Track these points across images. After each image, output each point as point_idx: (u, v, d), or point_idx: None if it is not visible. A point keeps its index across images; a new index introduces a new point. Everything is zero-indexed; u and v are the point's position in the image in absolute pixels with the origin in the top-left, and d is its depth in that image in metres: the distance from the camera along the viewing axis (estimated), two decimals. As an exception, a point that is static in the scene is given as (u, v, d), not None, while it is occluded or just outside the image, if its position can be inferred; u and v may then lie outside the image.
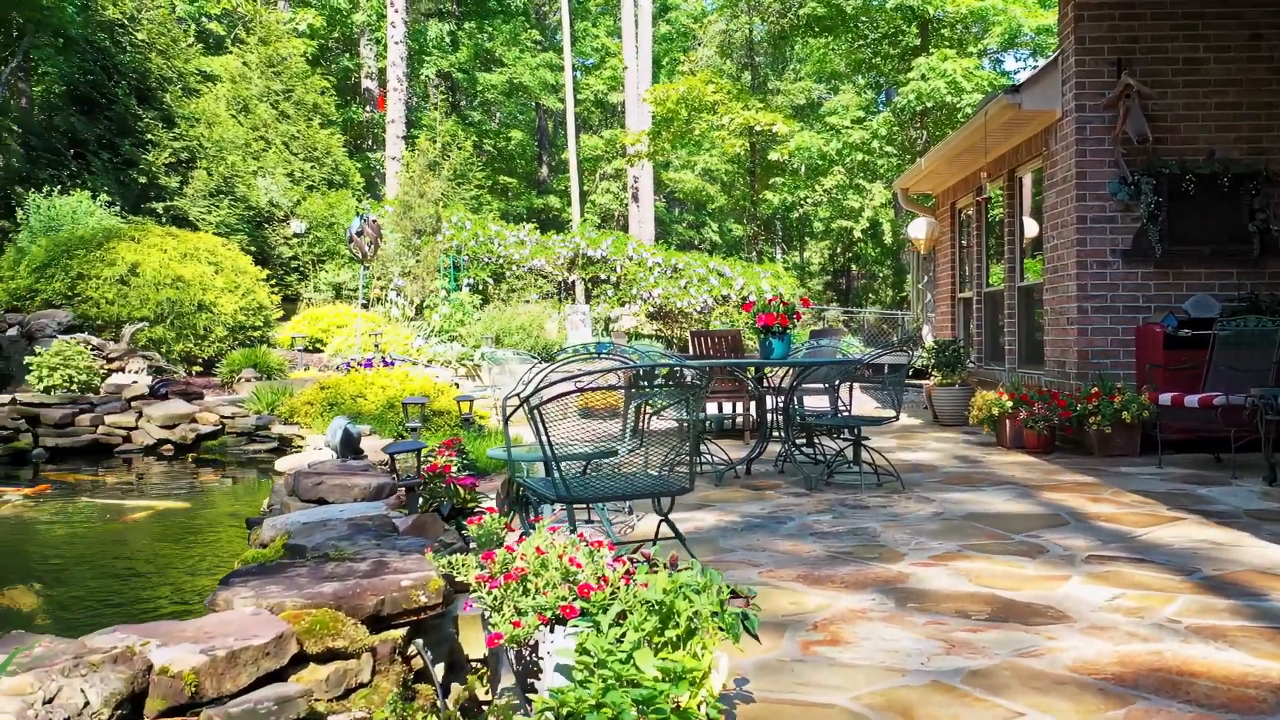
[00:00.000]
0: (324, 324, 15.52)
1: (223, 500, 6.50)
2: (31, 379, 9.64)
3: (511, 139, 36.60)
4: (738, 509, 5.90)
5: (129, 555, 5.09)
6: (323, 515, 4.04)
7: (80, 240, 11.91)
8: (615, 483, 4.40)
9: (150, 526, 5.68)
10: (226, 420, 8.86)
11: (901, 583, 4.09)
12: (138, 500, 6.48)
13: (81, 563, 4.96)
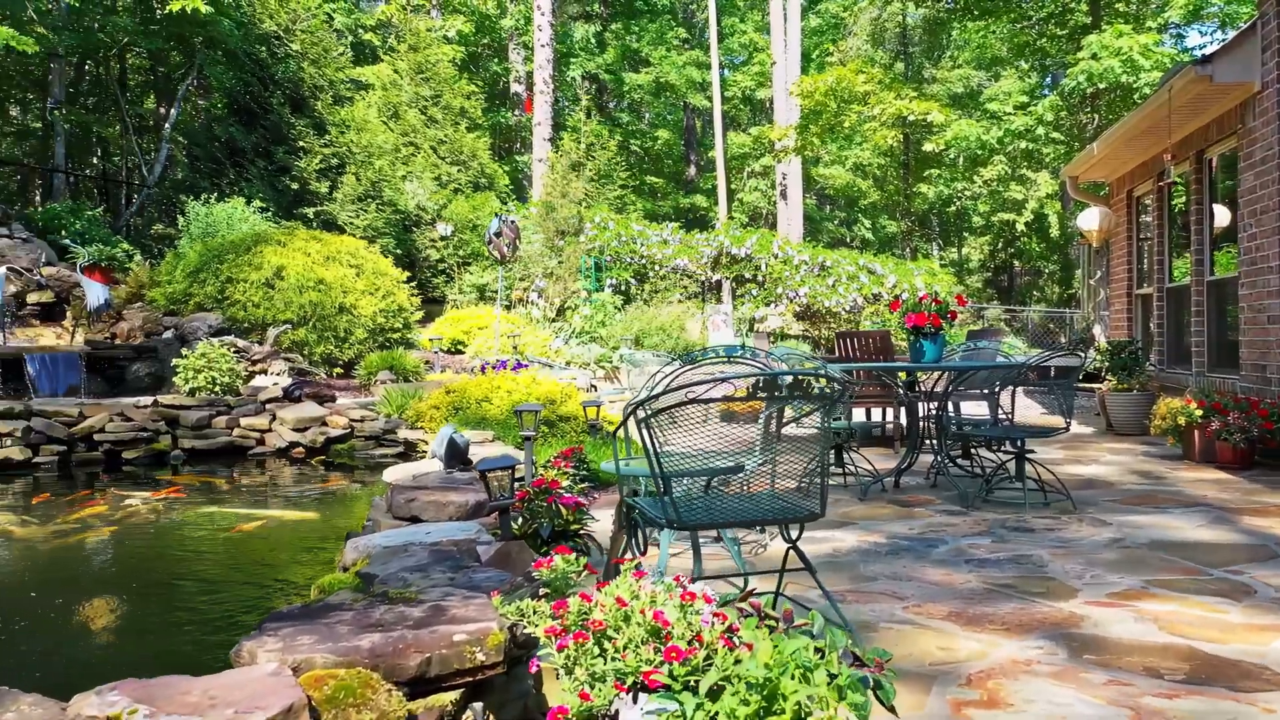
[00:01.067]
0: (466, 326, 15.54)
1: (337, 510, 6.31)
2: (179, 380, 9.86)
3: (658, 139, 36.36)
4: (883, 528, 5.27)
5: (220, 571, 4.89)
6: (406, 538, 3.66)
7: (231, 245, 12.23)
8: (736, 506, 3.86)
9: (257, 538, 5.50)
10: (356, 424, 8.77)
11: (1074, 627, 3.41)
12: (253, 509, 6.36)
13: (170, 578, 4.80)
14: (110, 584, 4.60)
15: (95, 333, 12.01)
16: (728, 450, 4.03)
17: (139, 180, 20.79)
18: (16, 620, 4.00)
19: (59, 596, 4.48)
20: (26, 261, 12.37)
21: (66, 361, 10.29)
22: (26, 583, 4.79)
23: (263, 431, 8.70)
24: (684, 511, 3.79)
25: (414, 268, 18.48)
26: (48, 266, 12.49)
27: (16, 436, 7.62)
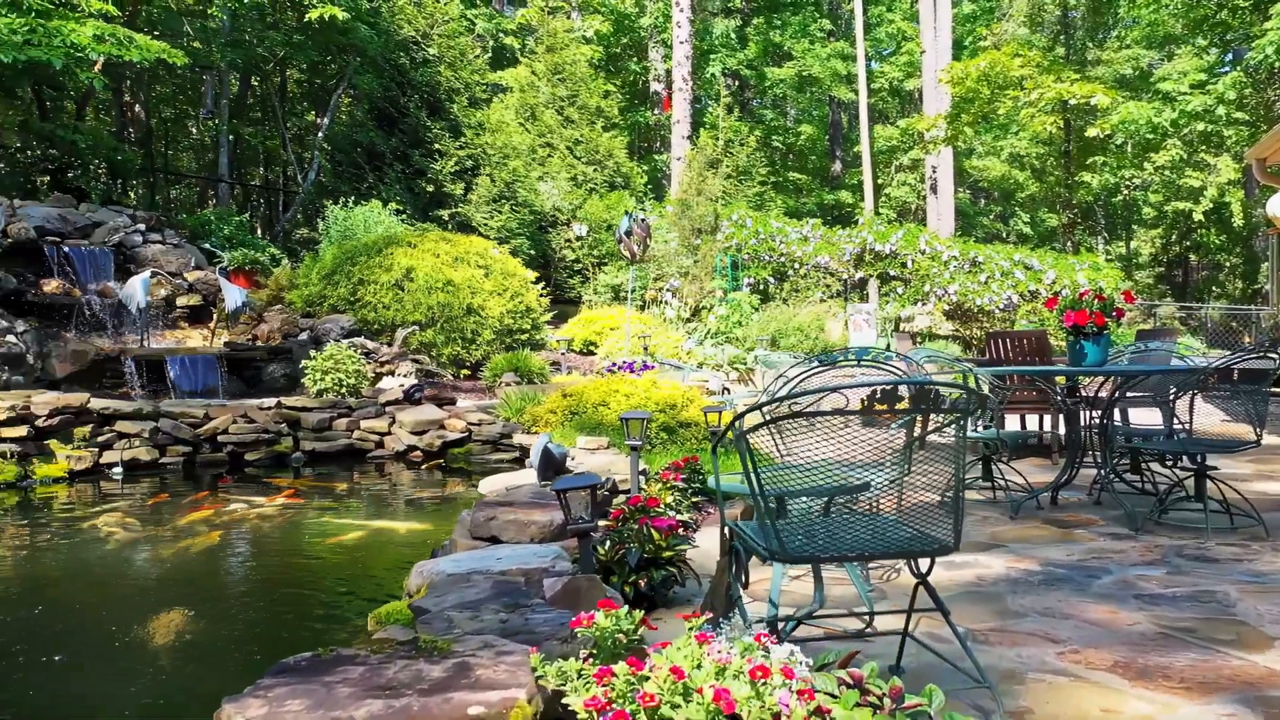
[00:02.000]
0: (598, 326, 15.29)
1: (441, 522, 6.03)
2: (307, 382, 9.91)
3: (801, 134, 35.44)
4: (1036, 552, 4.58)
5: (295, 590, 4.65)
6: (473, 564, 3.28)
7: (363, 247, 12.32)
8: (851, 535, 3.31)
9: (353, 551, 5.27)
10: (473, 427, 8.55)
11: (1274, 688, 2.73)
12: (356, 519, 6.16)
13: (239, 595, 4.59)
14: (171, 599, 4.42)
15: (237, 334, 12.31)
16: (852, 465, 3.48)
17: (294, 187, 21.58)
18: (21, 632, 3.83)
19: (106, 609, 4.33)
20: (176, 266, 12.81)
21: (205, 363, 10.53)
22: (79, 591, 4.67)
23: (382, 434, 8.59)
24: (790, 540, 3.27)
25: (548, 268, 18.39)
26: (196, 271, 12.90)
27: (144, 437, 7.74)
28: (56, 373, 9.71)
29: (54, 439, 7.37)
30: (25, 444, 7.13)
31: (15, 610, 4.35)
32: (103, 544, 5.50)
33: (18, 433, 7.04)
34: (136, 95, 23.41)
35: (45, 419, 7.29)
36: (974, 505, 6.04)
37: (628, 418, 5.36)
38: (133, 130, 24.34)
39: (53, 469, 7.18)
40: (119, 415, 7.71)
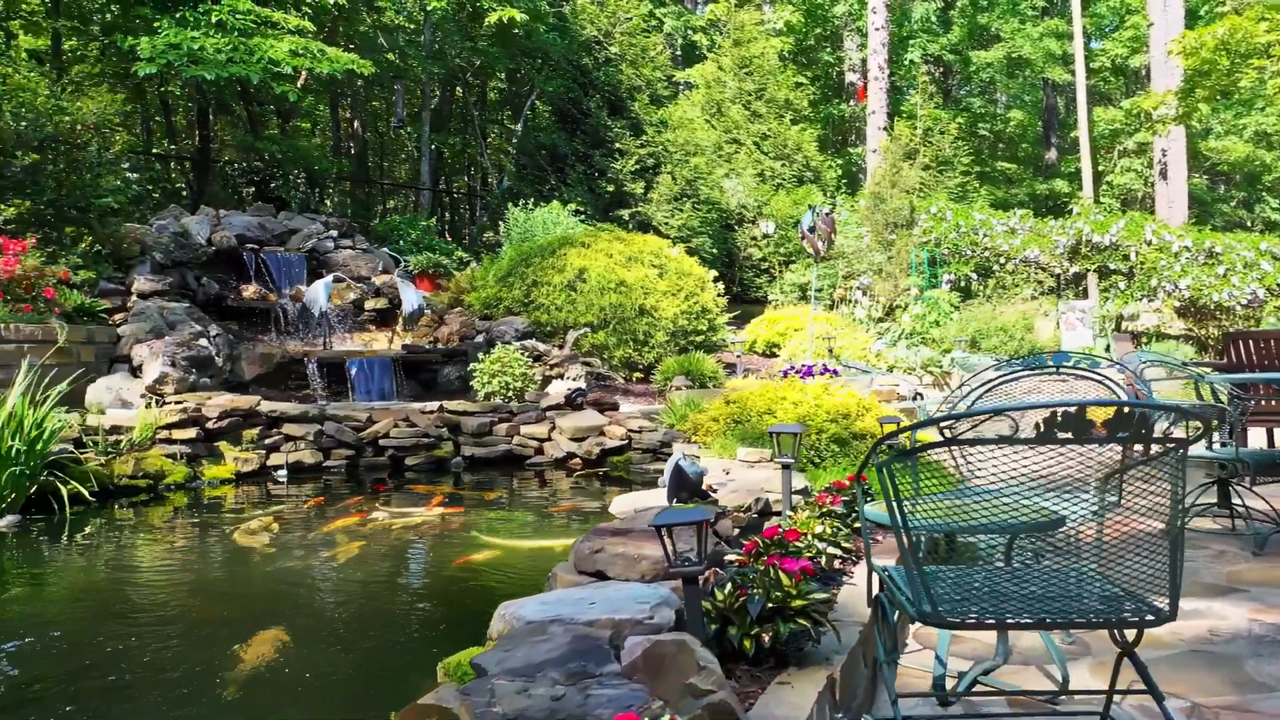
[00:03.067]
0: (781, 327, 14.59)
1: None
2: (476, 384, 9.82)
3: (1010, 120, 33.15)
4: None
5: (407, 615, 4.33)
6: (559, 609, 2.79)
7: (537, 249, 12.20)
8: (1029, 591, 2.60)
9: (478, 573, 4.93)
10: (634, 434, 8.13)
11: None
12: (496, 536, 5.83)
13: (355, 619, 4.30)
14: (269, 617, 4.19)
15: (420, 337, 12.48)
16: (1041, 491, 2.74)
17: (487, 194, 22.09)
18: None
19: (192, 626, 4.13)
20: (365, 270, 13.15)
21: (381, 365, 10.66)
22: (182, 601, 4.52)
23: (541, 440, 8.32)
24: (945, 595, 2.61)
25: (733, 267, 17.84)
26: (383, 275, 13.20)
27: (309, 440, 7.78)
28: (245, 375, 10.07)
29: (223, 440, 7.52)
30: (195, 445, 7.30)
31: (103, 622, 4.25)
32: (240, 551, 5.42)
33: (188, 434, 7.21)
34: (356, 111, 24.71)
35: (215, 421, 7.44)
36: (1207, 537, 5.06)
37: (777, 431, 4.74)
38: (352, 144, 25.78)
39: (221, 470, 7.31)
40: (286, 418, 7.79)
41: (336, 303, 12.51)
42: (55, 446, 6.16)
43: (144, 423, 7.04)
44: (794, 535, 3.72)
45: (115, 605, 4.54)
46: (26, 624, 4.28)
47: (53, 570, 5.18)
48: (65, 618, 4.40)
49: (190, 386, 8.64)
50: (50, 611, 4.49)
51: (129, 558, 5.43)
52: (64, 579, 5.03)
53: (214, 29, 12.74)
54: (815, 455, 6.85)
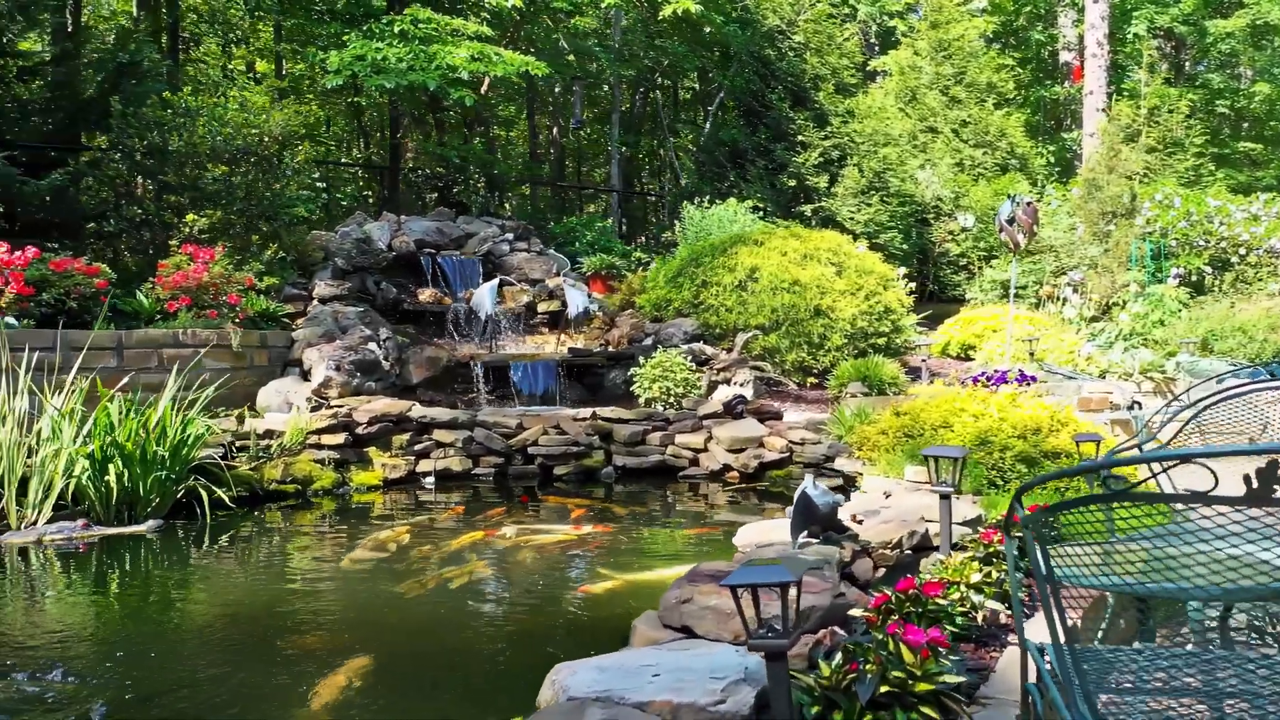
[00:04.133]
0: (978, 328, 13.41)
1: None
2: (637, 389, 9.43)
3: (1254, 95, 29.65)
4: None
5: (490, 662, 3.91)
6: (612, 681, 2.28)
7: (709, 248, 11.70)
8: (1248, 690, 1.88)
9: (588, 610, 4.47)
10: (795, 447, 7.48)
11: None
12: (625, 562, 5.36)
13: (438, 658, 3.92)
14: (350, 647, 3.88)
15: (591, 339, 12.26)
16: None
17: (667, 193, 21.81)
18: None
19: (275, 644, 3.85)
20: (539, 273, 13.09)
21: (545, 369, 10.47)
22: (279, 616, 4.27)
23: (697, 451, 7.80)
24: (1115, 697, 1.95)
25: (926, 264, 16.69)
26: (557, 277, 13.09)
27: (458, 447, 7.61)
28: (412, 378, 10.12)
29: (373, 446, 7.46)
30: (344, 451, 7.27)
31: (197, 637, 4.07)
32: (359, 565, 5.22)
33: (337, 440, 7.17)
34: (556, 116, 25.07)
35: (365, 426, 7.39)
36: None
37: (934, 454, 4.02)
38: (553, 150, 26.21)
39: (368, 476, 7.25)
40: (436, 424, 7.65)
41: (510, 305, 12.48)
42: (201, 452, 6.23)
43: (294, 427, 7.06)
44: (933, 589, 3.03)
45: (216, 620, 4.41)
46: (122, 634, 4.20)
47: (172, 577, 5.15)
48: (162, 630, 4.30)
49: (354, 390, 8.70)
50: (146, 624, 4.40)
51: (248, 568, 5.34)
52: (179, 587, 4.98)
53: (396, 39, 13.01)
54: (998, 476, 5.99)
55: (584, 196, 27.29)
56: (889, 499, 5.15)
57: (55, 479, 5.57)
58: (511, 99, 25.81)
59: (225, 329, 8.59)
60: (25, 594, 4.72)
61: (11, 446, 5.57)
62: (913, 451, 6.26)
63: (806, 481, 3.79)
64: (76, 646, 3.96)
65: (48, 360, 7.53)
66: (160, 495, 5.87)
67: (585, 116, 16.26)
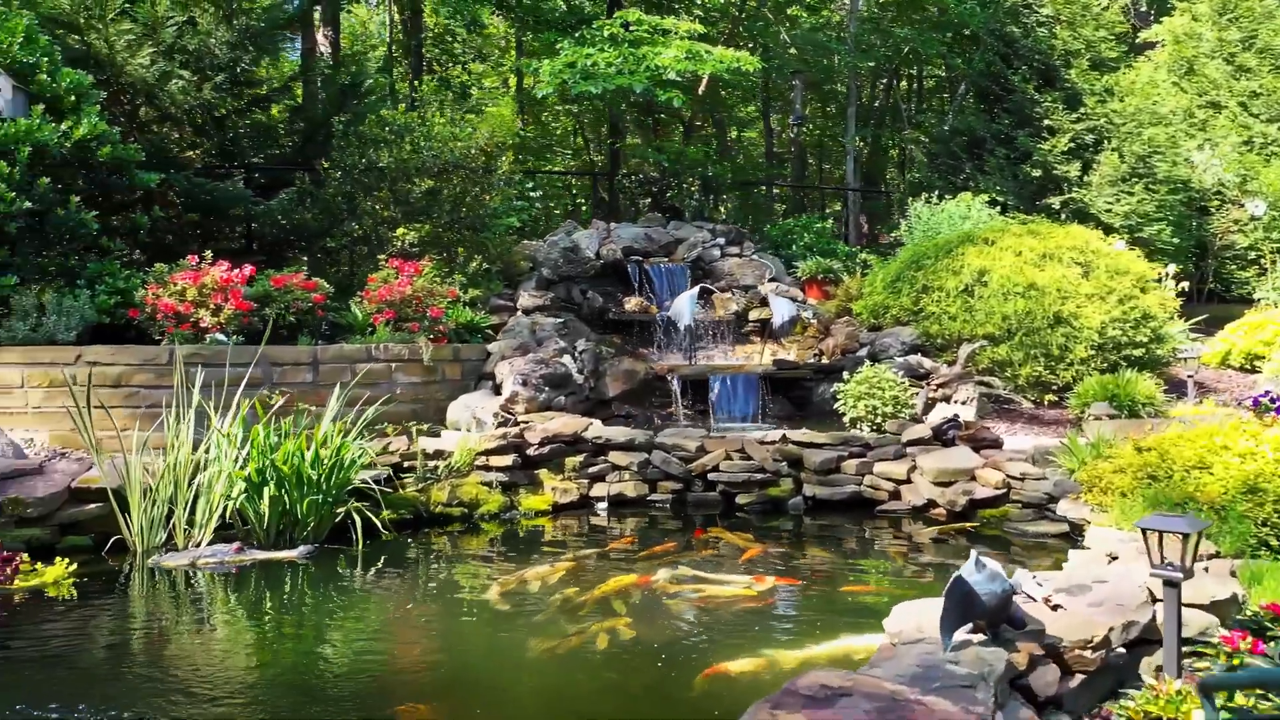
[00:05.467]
0: (1267, 334, 11.38)
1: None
2: (840, 407, 8.59)
3: None
4: None
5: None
6: None
7: (932, 248, 10.57)
8: None
9: (717, 696, 3.79)
10: (1013, 482, 6.40)
11: None
12: (780, 631, 4.62)
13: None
14: (446, 714, 3.42)
15: (804, 349, 11.48)
16: None
17: (895, 190, 20.47)
18: None
19: (363, 705, 3.44)
20: (751, 278, 12.44)
21: (747, 383, 9.82)
22: (378, 668, 3.86)
23: (898, 482, 6.88)
24: None
25: (1205, 259, 14.50)
26: (771, 283, 12.39)
27: (633, 471, 7.11)
28: (608, 391, 9.78)
29: (544, 468, 7.11)
30: (513, 473, 6.96)
31: (287, 687, 3.76)
32: (499, 609, 4.81)
33: (505, 461, 6.87)
34: (796, 117, 24.33)
35: (536, 447, 7.06)
36: None
37: (1152, 527, 3.05)
38: (793, 149, 25.43)
39: (537, 501, 6.90)
40: (611, 445, 7.20)
41: (719, 314, 11.92)
42: (364, 473, 6.09)
43: (463, 448, 6.83)
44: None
45: (314, 665, 4.13)
46: (204, 674, 3.99)
47: (296, 612, 4.95)
48: (246, 674, 4.05)
49: (542, 405, 8.45)
50: (233, 665, 4.18)
51: (380, 604, 5.05)
52: (296, 624, 4.76)
53: (606, 43, 12.80)
54: (1272, 536, 4.74)
55: (825, 196, 26.28)
56: (1112, 565, 4.11)
57: (216, 501, 5.59)
58: (747, 99, 25.26)
59: (417, 343, 8.59)
60: (140, 622, 4.66)
61: (182, 467, 5.64)
62: (1155, 498, 5.09)
63: (969, 563, 2.95)
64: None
65: (248, 376, 7.79)
66: (317, 519, 5.78)
67: (807, 112, 15.38)
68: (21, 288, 8.20)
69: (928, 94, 26.67)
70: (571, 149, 24.27)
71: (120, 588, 5.08)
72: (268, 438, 5.68)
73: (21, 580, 4.84)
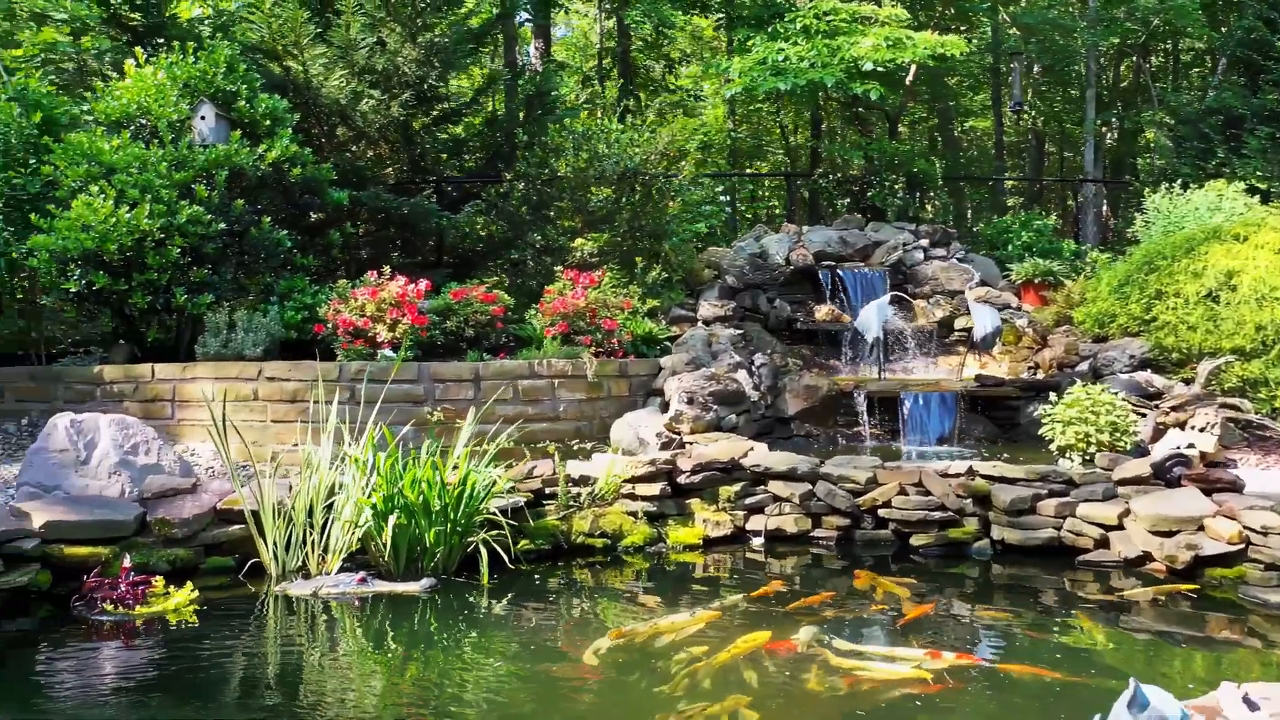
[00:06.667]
0: None
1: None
2: (1045, 433, 7.52)
3: None
4: None
5: None
6: None
7: (1170, 247, 9.15)
8: None
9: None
10: (1253, 536, 5.23)
11: None
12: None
13: None
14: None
15: (1017, 362, 10.35)
16: None
17: (1137, 179, 18.29)
18: None
19: None
20: (957, 283, 11.37)
21: (941, 401, 8.86)
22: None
23: (1106, 528, 5.84)
24: None
25: None
26: (981, 287, 11.27)
27: (795, 503, 6.44)
28: (787, 409, 9.12)
29: (696, 498, 6.56)
30: (662, 502, 6.45)
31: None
32: (603, 666, 4.34)
33: (652, 490, 6.38)
34: (1031, 103, 22.44)
35: (688, 475, 6.53)
36: None
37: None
38: (1031, 138, 23.50)
39: (687, 534, 6.37)
40: (770, 474, 6.56)
41: (920, 322, 10.96)
42: (494, 502, 5.79)
43: (609, 474, 6.42)
44: None
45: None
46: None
47: (391, 655, 4.65)
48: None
49: (710, 425, 7.91)
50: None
51: (483, 649, 4.62)
52: (384, 669, 4.46)
53: (799, 36, 12.10)
54: None
55: (1064, 190, 24.09)
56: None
57: (345, 527, 5.47)
58: (976, 87, 23.55)
59: (581, 358, 8.30)
60: (237, 658, 4.52)
61: (316, 490, 5.57)
62: None
63: (1122, 701, 2.17)
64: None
65: (410, 393, 7.77)
66: (446, 549, 5.54)
67: (1022, 98, 13.94)
68: (216, 305, 8.60)
69: (1183, 68, 23.86)
70: (781, 148, 23.52)
71: (237, 617, 5.00)
72: (393, 463, 5.50)
73: (143, 608, 4.86)
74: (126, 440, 6.19)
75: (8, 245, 8.60)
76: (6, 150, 8.84)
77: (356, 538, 5.47)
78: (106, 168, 8.46)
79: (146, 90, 8.99)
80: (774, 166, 22.64)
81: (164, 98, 8.94)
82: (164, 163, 8.42)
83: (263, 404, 7.95)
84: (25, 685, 4.12)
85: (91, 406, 8.42)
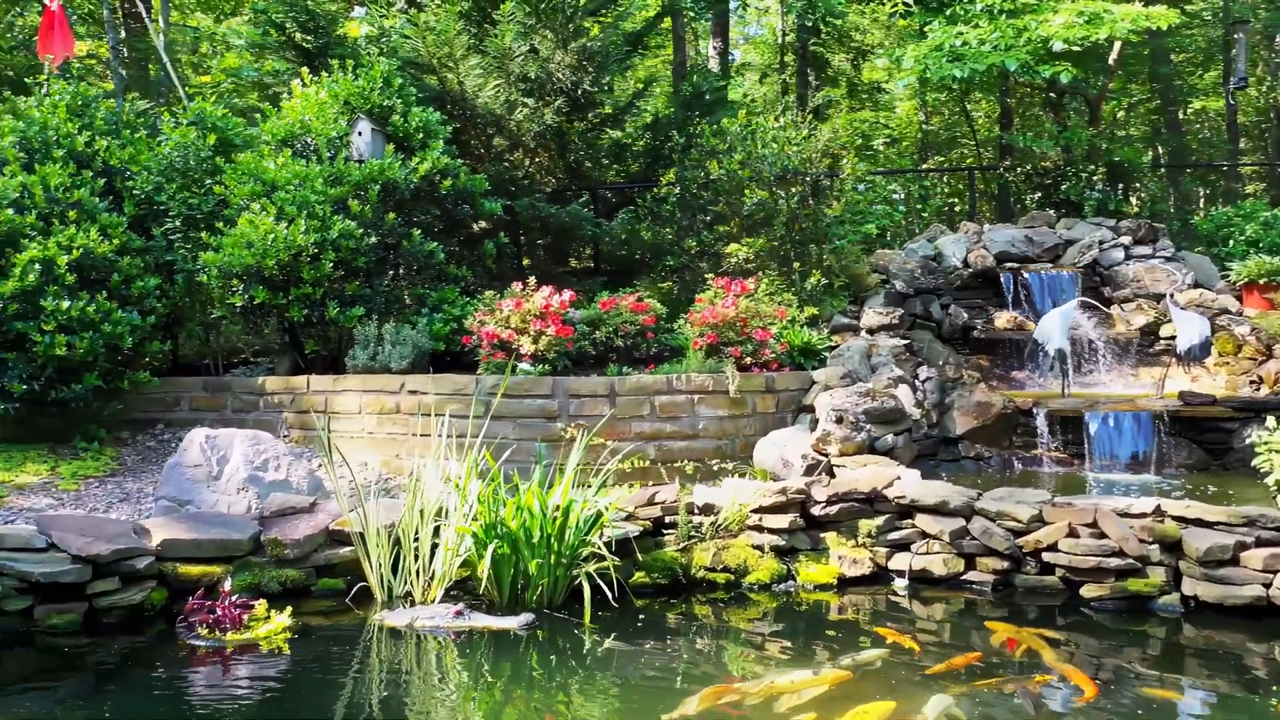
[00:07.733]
0: None
1: None
2: (1259, 464, 6.41)
3: None
4: None
5: None
6: None
7: None
8: None
9: None
10: None
11: None
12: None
13: None
14: None
15: (1235, 375, 9.07)
16: None
17: None
18: None
19: None
20: (1164, 285, 10.09)
21: (1136, 422, 7.79)
22: None
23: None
24: None
25: None
26: (1192, 290, 9.96)
27: (945, 541, 5.70)
28: (954, 428, 8.30)
29: (833, 531, 5.93)
30: (793, 535, 5.87)
31: None
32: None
33: (781, 522, 5.81)
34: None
35: (822, 506, 5.91)
36: None
37: None
38: (1274, 116, 20.98)
39: (820, 572, 5.75)
40: (918, 507, 5.84)
41: (1119, 330, 9.78)
42: (603, 531, 5.41)
43: (734, 502, 5.91)
44: None
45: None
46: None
47: (445, 705, 4.33)
48: None
49: (862, 446, 7.24)
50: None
51: (550, 703, 4.30)
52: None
53: (982, 17, 11.11)
54: None
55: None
56: None
57: (447, 556, 5.25)
58: (1206, 64, 21.27)
59: (723, 372, 7.83)
60: (297, 696, 4.32)
61: (423, 514, 5.39)
62: None
63: None
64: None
65: (544, 408, 7.54)
66: (550, 580, 5.21)
67: (1246, 73, 12.27)
68: (366, 318, 8.71)
69: None
70: (974, 140, 22.07)
71: (325, 650, 4.85)
72: (495, 489, 5.23)
73: (234, 634, 4.78)
74: (257, 456, 6.26)
75: (185, 262, 9.04)
76: (185, 171, 9.30)
77: (457, 566, 5.24)
78: (269, 185, 8.73)
79: (309, 109, 9.25)
80: (966, 161, 21.24)
81: (324, 115, 9.16)
82: (320, 179, 8.60)
83: (404, 417, 7.95)
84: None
85: (256, 416, 8.73)
